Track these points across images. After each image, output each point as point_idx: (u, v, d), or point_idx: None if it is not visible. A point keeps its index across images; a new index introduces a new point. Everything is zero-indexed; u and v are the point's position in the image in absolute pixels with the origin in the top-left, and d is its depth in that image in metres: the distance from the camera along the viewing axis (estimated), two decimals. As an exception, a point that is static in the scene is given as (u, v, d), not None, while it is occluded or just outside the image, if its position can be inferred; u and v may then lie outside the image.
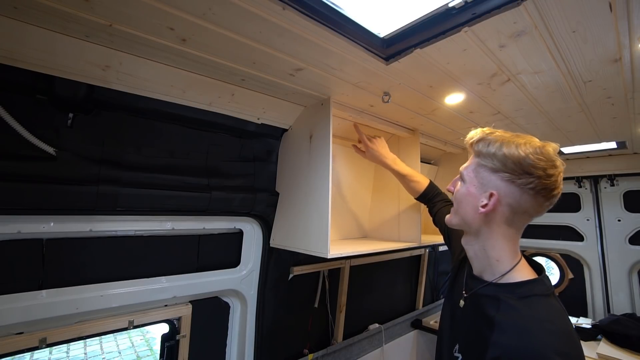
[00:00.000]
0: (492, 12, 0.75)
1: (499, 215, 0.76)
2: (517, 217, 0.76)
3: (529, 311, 0.69)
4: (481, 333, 0.72)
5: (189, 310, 1.33)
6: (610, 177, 2.52)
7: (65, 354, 4.64)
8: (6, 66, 0.83)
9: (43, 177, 0.94)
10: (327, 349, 1.85)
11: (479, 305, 0.78)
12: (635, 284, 2.45)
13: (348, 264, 1.98)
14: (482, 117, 1.52)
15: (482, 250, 0.80)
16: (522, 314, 0.69)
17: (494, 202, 0.75)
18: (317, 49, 0.91)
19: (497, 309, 0.72)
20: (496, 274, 0.78)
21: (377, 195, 1.91)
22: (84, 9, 0.73)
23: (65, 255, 1.06)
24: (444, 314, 0.96)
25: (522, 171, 0.72)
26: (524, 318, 0.68)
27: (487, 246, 0.79)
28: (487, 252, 0.79)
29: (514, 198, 0.74)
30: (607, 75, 1.07)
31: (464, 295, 0.84)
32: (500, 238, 0.77)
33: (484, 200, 0.76)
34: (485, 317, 0.74)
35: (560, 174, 0.75)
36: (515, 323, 0.68)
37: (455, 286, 0.94)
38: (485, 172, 0.78)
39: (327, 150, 1.20)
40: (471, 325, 0.79)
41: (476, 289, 0.81)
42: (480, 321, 0.75)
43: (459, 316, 0.85)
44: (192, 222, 1.33)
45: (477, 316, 0.77)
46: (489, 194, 0.76)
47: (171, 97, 1.10)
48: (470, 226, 0.81)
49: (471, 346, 0.76)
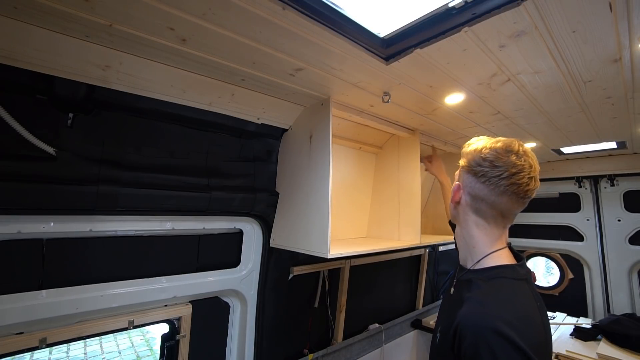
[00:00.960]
0: (492, 12, 0.75)
1: (464, 204, 0.88)
2: (479, 204, 0.84)
3: (491, 289, 0.77)
4: (454, 312, 0.78)
5: (189, 310, 1.33)
6: (610, 177, 2.52)
7: (65, 354, 4.64)
8: (6, 66, 0.83)
9: (43, 177, 0.94)
10: (327, 349, 1.85)
11: (459, 290, 0.86)
12: (635, 284, 2.45)
13: (348, 264, 1.98)
14: (482, 117, 1.52)
15: (462, 238, 0.91)
16: (484, 291, 0.77)
17: (456, 189, 0.89)
18: (317, 49, 0.91)
19: (469, 290, 0.80)
20: (474, 260, 0.86)
21: (377, 195, 1.91)
22: (84, 9, 0.73)
23: (65, 255, 1.06)
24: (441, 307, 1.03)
25: (475, 163, 0.83)
26: (484, 294, 0.76)
27: (465, 235, 0.89)
28: (465, 240, 0.89)
29: (471, 186, 0.85)
30: (607, 75, 1.07)
31: (454, 283, 0.92)
32: (473, 226, 0.87)
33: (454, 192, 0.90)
34: (460, 299, 0.81)
35: (511, 166, 0.79)
36: (476, 298, 0.76)
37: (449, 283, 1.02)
38: (459, 171, 0.92)
39: (327, 150, 1.20)
40: (450, 308, 0.85)
41: (460, 275, 0.89)
42: (457, 303, 0.82)
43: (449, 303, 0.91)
44: (192, 222, 1.33)
45: (456, 300, 0.84)
46: (457, 186, 0.90)
47: (171, 97, 1.11)
48: (452, 217, 0.95)
49: (446, 325, 0.82)
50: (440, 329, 0.87)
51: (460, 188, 0.88)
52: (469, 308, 0.75)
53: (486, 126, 1.66)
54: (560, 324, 2.34)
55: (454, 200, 0.91)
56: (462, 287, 0.86)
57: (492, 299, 0.74)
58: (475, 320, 0.71)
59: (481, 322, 0.70)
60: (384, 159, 1.90)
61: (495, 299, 0.75)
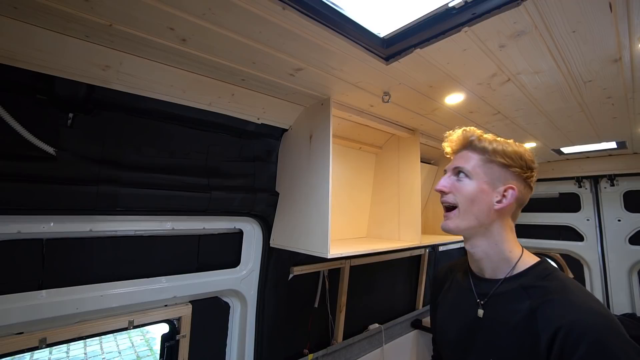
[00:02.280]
0: (492, 12, 0.75)
1: (508, 209, 0.78)
2: (518, 209, 0.81)
3: (566, 285, 0.69)
4: (521, 328, 0.68)
5: (189, 310, 1.33)
6: (610, 177, 2.52)
7: (65, 354, 4.64)
8: (6, 66, 0.83)
9: (43, 177, 0.94)
10: (327, 349, 1.85)
11: (504, 304, 0.75)
12: (635, 284, 2.45)
13: (348, 264, 1.98)
14: (482, 117, 1.52)
15: (494, 246, 0.79)
16: (562, 289, 0.68)
17: (512, 196, 0.77)
18: (317, 49, 0.91)
19: (528, 298, 0.71)
20: (511, 266, 0.77)
21: (377, 195, 1.91)
22: (84, 9, 0.73)
23: (65, 255, 1.05)
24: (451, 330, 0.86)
25: (527, 166, 0.79)
26: (567, 292, 0.67)
27: (499, 241, 0.78)
28: (499, 247, 0.78)
29: (521, 191, 0.78)
30: (607, 75, 1.07)
31: (481, 303, 0.79)
32: (508, 230, 0.79)
33: (497, 196, 0.77)
34: (518, 312, 0.70)
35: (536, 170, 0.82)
36: (559, 300, 0.66)
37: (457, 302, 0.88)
38: (497, 168, 0.79)
39: (327, 150, 1.20)
40: (501, 330, 0.73)
41: (493, 290, 0.78)
42: (513, 319, 0.71)
43: (482, 327, 0.77)
44: (192, 222, 1.33)
45: (504, 317, 0.73)
46: (504, 189, 0.77)
47: (171, 97, 1.10)
48: (483, 224, 0.78)
49: (509, 352, 0.70)
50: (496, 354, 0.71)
51: (513, 191, 0.77)
52: (572, 312, 0.62)
53: (486, 126, 1.66)
54: (560, 324, 2.34)
55: (502, 206, 0.77)
56: (510, 299, 0.74)
57: (581, 295, 0.66)
58: (589, 318, 0.60)
59: (599, 319, 0.60)
60: (384, 159, 1.90)
61: (583, 293, 0.66)
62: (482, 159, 0.80)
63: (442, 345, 0.91)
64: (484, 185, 0.78)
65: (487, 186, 0.78)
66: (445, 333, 0.88)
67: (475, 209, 0.78)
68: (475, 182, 0.79)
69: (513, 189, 0.77)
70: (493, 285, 0.78)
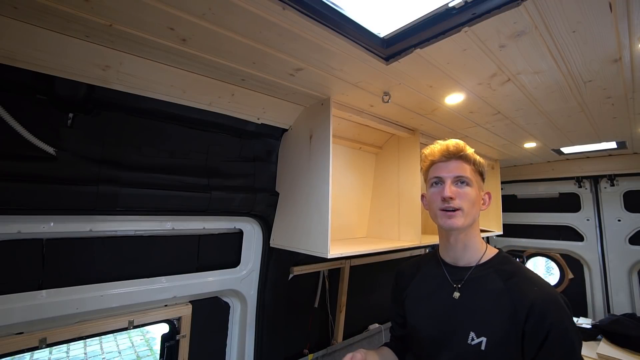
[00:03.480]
0: (492, 12, 0.75)
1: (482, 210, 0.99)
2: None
3: (527, 269, 0.91)
4: (497, 305, 0.84)
5: (189, 310, 1.33)
6: (610, 177, 2.52)
7: (65, 354, 4.64)
8: (6, 66, 0.83)
9: (43, 177, 0.94)
10: (327, 349, 1.85)
11: (480, 285, 0.90)
12: (635, 284, 2.45)
13: (348, 264, 1.98)
14: (482, 117, 1.52)
15: (472, 238, 0.96)
16: (525, 272, 0.89)
17: (490, 199, 0.99)
18: (317, 49, 0.91)
19: (499, 279, 0.88)
20: (481, 254, 0.95)
21: (377, 195, 1.91)
22: (84, 9, 0.73)
23: (65, 255, 1.06)
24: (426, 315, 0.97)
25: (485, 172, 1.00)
26: (528, 274, 0.88)
27: (476, 235, 0.97)
28: (475, 239, 0.96)
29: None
30: (607, 75, 1.07)
31: (458, 287, 0.93)
32: (478, 226, 0.99)
33: (481, 199, 0.97)
34: (492, 291, 0.87)
35: None
36: (526, 280, 0.86)
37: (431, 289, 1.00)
38: (479, 177, 0.97)
39: (327, 150, 1.20)
40: (478, 307, 0.87)
41: (468, 275, 0.93)
42: (487, 296, 0.87)
43: (458, 307, 0.90)
44: (192, 222, 1.33)
45: (481, 296, 0.88)
46: (485, 194, 0.98)
47: (171, 97, 1.10)
48: (472, 222, 0.94)
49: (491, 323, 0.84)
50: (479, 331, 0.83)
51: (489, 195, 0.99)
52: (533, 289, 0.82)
53: (486, 126, 1.66)
54: (560, 324, 2.34)
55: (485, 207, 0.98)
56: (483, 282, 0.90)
57: (538, 277, 0.87)
58: (550, 298, 0.80)
59: (556, 298, 0.81)
60: (384, 159, 1.90)
61: (534, 273, 0.88)
62: (473, 169, 0.95)
63: (416, 330, 0.99)
64: (477, 190, 0.95)
65: (478, 191, 0.95)
66: (420, 319, 0.99)
67: (473, 211, 0.93)
68: (473, 188, 0.93)
69: (489, 194, 0.99)
70: (467, 271, 0.94)
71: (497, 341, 0.81)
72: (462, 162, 0.94)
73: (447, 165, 0.94)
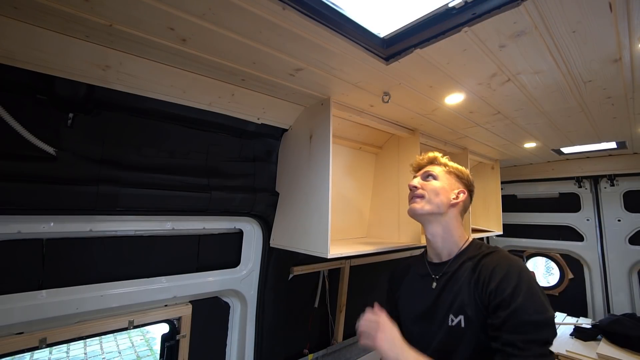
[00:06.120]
0: (492, 12, 0.75)
1: (459, 206, 1.10)
2: (465, 210, 1.13)
3: (491, 248, 1.00)
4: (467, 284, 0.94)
5: (189, 310, 1.33)
6: (610, 177, 2.51)
7: (65, 354, 4.64)
8: (6, 66, 0.83)
9: (43, 177, 0.94)
10: (327, 349, 1.85)
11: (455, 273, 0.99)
12: (635, 284, 2.45)
13: (348, 264, 1.98)
14: (482, 117, 1.52)
15: (447, 231, 1.06)
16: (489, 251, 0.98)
17: (463, 196, 1.10)
18: (317, 49, 0.91)
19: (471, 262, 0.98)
20: (459, 248, 1.05)
21: (377, 195, 1.91)
22: (84, 9, 0.73)
23: (65, 255, 1.06)
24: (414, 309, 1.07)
25: (469, 182, 1.15)
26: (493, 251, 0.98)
27: (451, 228, 1.06)
28: (451, 232, 1.06)
29: (467, 197, 1.12)
30: (607, 75, 1.07)
31: (436, 278, 1.04)
32: (458, 222, 1.09)
33: (454, 195, 1.09)
34: (464, 274, 0.96)
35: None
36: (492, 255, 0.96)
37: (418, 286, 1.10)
38: (453, 177, 1.13)
39: (327, 150, 1.20)
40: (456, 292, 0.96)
41: (446, 267, 1.03)
42: (463, 281, 0.95)
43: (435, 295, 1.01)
44: (192, 222, 1.33)
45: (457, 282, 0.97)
46: (458, 191, 1.10)
47: (171, 97, 1.11)
48: (440, 213, 1.06)
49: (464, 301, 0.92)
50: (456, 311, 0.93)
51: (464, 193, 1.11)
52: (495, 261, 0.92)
53: (486, 126, 1.66)
54: (560, 324, 2.34)
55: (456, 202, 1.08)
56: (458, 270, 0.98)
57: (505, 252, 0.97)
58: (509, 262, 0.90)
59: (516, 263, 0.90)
60: (384, 159, 1.90)
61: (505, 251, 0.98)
62: (444, 170, 1.13)
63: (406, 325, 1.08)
64: (445, 185, 1.09)
65: (447, 186, 1.09)
66: (410, 312, 1.08)
67: (437, 199, 1.06)
68: (440, 182, 1.09)
69: (464, 192, 1.11)
70: (446, 265, 1.04)
71: (472, 315, 0.89)
72: (434, 165, 1.15)
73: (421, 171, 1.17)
